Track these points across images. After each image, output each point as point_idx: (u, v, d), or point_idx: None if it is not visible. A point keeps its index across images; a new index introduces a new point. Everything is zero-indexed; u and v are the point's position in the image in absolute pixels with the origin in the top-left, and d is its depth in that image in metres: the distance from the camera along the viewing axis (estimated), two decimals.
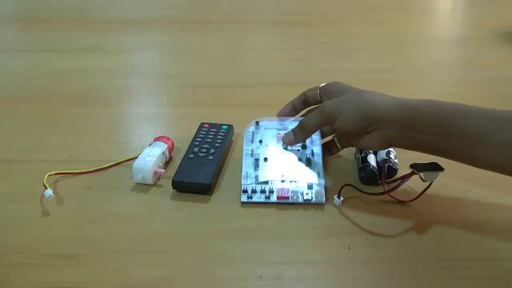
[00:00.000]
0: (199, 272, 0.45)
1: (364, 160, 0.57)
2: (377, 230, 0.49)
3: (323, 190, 0.53)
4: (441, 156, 0.49)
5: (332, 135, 0.59)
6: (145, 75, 0.90)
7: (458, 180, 0.56)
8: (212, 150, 0.59)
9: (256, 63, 0.94)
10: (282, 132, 0.58)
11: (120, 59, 0.96)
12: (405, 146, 0.51)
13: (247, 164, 0.56)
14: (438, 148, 0.49)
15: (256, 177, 0.54)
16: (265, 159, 0.56)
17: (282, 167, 0.55)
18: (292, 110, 0.60)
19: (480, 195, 0.54)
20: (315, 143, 0.57)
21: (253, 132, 0.59)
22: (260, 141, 0.58)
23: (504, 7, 1.27)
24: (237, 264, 0.45)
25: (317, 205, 0.52)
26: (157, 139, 0.60)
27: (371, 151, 0.58)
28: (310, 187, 0.53)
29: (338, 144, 0.58)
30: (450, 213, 0.52)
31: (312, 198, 0.52)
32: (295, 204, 0.52)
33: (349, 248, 0.47)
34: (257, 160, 0.56)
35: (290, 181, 0.53)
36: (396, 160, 0.57)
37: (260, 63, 0.95)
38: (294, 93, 0.60)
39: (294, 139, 0.56)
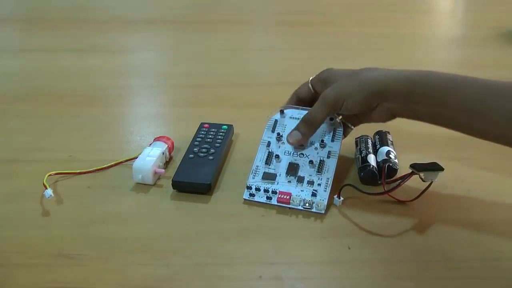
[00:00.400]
0: (199, 272, 0.45)
1: (364, 160, 0.57)
2: (377, 230, 0.49)
3: (326, 201, 0.52)
4: (445, 127, 0.50)
5: (338, 118, 0.58)
6: (145, 75, 0.90)
7: (458, 180, 0.56)
8: (212, 150, 0.59)
9: (256, 63, 0.94)
10: None
11: (120, 59, 0.96)
12: (408, 117, 0.51)
13: (259, 157, 0.55)
14: (440, 119, 0.49)
15: (264, 174, 0.54)
16: (277, 156, 0.55)
17: (291, 168, 0.54)
18: None
19: (480, 195, 0.54)
20: (336, 141, 0.55)
21: (276, 121, 0.58)
22: (278, 134, 0.56)
23: (504, 7, 1.27)
24: (237, 264, 0.45)
25: (317, 214, 0.51)
26: (157, 139, 0.60)
27: (371, 151, 0.58)
28: (314, 194, 0.52)
29: (349, 124, 0.58)
30: (450, 213, 0.52)
31: (312, 207, 0.51)
32: (294, 210, 0.52)
33: (349, 248, 0.47)
34: (270, 154, 0.55)
35: (296, 186, 0.53)
36: (396, 160, 0.57)
37: (260, 63, 0.95)
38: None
39: (303, 137, 0.55)
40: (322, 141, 0.55)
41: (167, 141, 0.60)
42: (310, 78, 0.57)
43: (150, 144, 0.60)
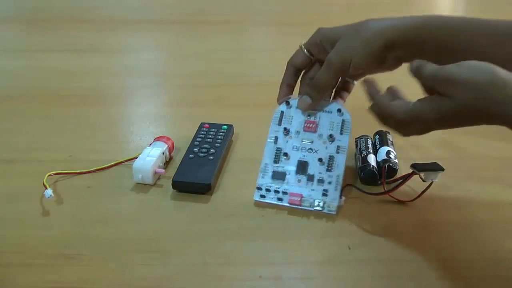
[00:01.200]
0: (199, 272, 0.45)
1: (364, 160, 0.57)
2: (377, 230, 0.49)
3: (337, 202, 0.51)
4: None
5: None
6: (145, 75, 0.90)
7: (458, 180, 0.56)
8: (212, 150, 0.59)
9: (256, 63, 0.94)
10: (312, 117, 0.55)
11: (120, 59, 0.96)
12: None
13: (267, 154, 0.54)
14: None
15: (273, 173, 0.54)
16: (285, 154, 0.54)
17: (301, 167, 0.53)
18: (289, 90, 0.56)
19: (480, 195, 0.54)
20: (345, 134, 0.54)
21: (282, 112, 0.56)
22: (285, 129, 0.55)
23: (504, 7, 1.27)
24: (237, 264, 0.45)
25: (329, 215, 0.51)
26: (157, 139, 0.60)
27: (371, 151, 0.58)
28: (324, 194, 0.52)
29: (350, 80, 0.56)
30: (450, 213, 0.52)
31: (323, 208, 0.51)
32: (306, 211, 0.52)
33: (349, 248, 0.47)
34: (279, 150, 0.55)
35: (306, 185, 0.53)
36: (396, 160, 0.57)
37: (260, 63, 0.95)
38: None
39: (313, 102, 0.53)
40: (331, 135, 0.54)
41: (167, 141, 0.60)
42: (302, 44, 0.55)
43: (150, 144, 0.60)
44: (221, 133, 0.62)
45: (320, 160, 0.53)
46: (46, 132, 0.68)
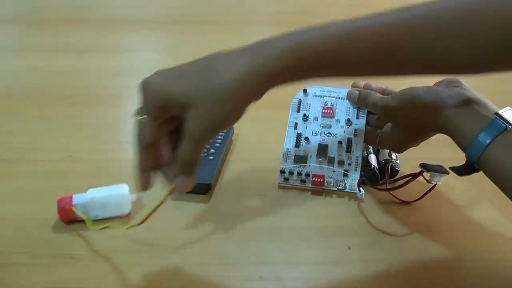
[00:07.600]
0: (199, 272, 0.45)
1: (365, 160, 0.56)
2: (377, 230, 0.49)
3: (357, 180, 0.53)
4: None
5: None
6: (145, 75, 0.89)
7: (458, 180, 0.55)
8: (212, 150, 0.59)
9: None
10: (329, 103, 0.57)
11: (120, 59, 0.96)
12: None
13: (289, 139, 0.56)
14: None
15: (295, 157, 0.55)
16: (306, 139, 0.56)
17: (321, 150, 0.55)
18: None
19: (480, 195, 0.54)
20: (361, 118, 0.56)
21: (300, 100, 0.58)
22: (305, 115, 0.57)
23: None
24: (237, 264, 0.45)
25: (351, 194, 0.53)
26: None
27: (372, 151, 0.58)
28: (345, 174, 0.54)
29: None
30: (450, 213, 0.52)
31: (345, 188, 0.53)
32: (329, 191, 0.54)
33: (349, 248, 0.47)
34: (299, 135, 0.56)
35: (327, 167, 0.54)
36: (398, 161, 0.57)
37: None
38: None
39: (191, 179, 0.42)
40: (348, 119, 0.56)
41: None
42: (139, 116, 0.46)
43: None
44: (221, 133, 0.62)
45: (339, 143, 0.55)
46: (46, 132, 0.68)
